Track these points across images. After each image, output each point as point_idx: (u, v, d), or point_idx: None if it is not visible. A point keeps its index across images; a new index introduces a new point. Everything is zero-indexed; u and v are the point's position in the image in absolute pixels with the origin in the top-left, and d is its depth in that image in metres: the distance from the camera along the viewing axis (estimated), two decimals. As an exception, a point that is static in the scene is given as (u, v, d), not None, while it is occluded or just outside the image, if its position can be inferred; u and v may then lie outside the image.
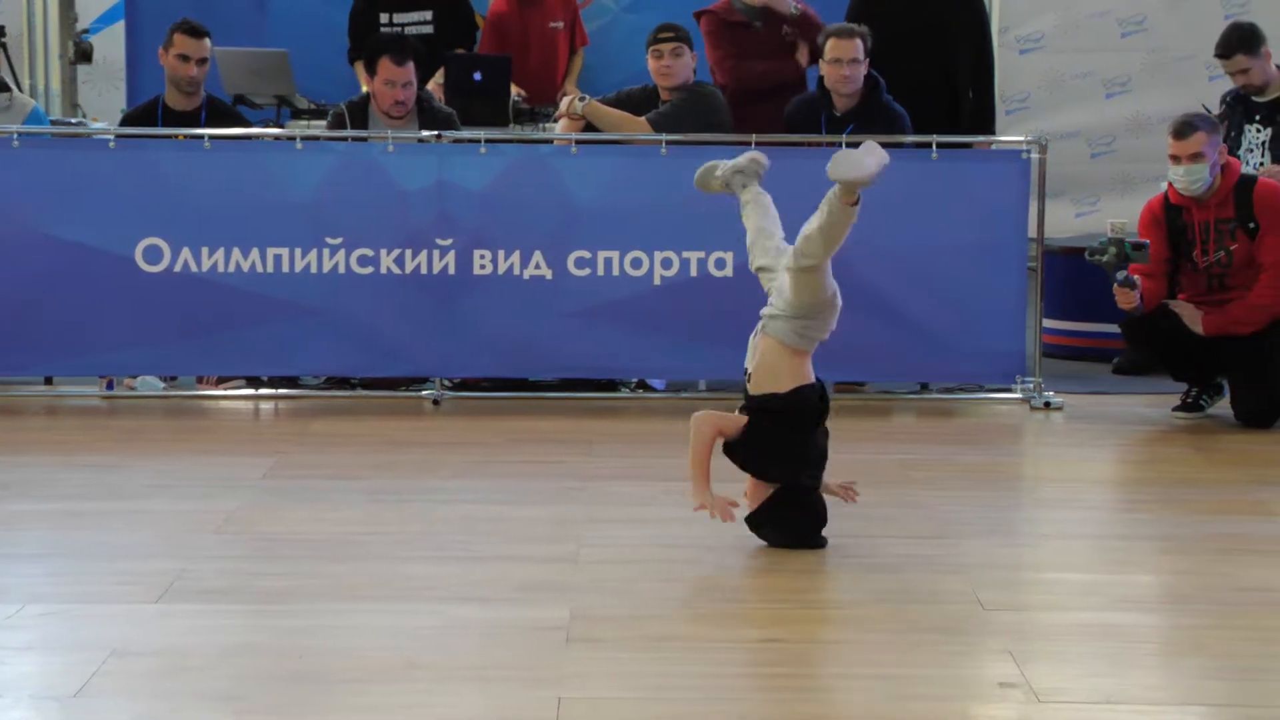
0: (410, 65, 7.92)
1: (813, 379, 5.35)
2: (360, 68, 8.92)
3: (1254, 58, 8.26)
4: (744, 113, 8.26)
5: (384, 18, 9.42)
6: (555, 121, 8.43)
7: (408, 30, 9.26)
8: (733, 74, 8.42)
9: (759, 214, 5.68)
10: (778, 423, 5.26)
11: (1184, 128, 7.29)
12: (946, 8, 8.33)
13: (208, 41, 8.11)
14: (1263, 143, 8.31)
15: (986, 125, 8.45)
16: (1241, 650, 4.45)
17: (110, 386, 7.89)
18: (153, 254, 7.64)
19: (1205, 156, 7.27)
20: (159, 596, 4.82)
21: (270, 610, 4.76)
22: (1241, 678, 4.26)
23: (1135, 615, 4.80)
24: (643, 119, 8.08)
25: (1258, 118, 8.35)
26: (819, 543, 5.29)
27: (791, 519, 5.29)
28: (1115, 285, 7.31)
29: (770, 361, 5.33)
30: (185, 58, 8.06)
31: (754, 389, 5.35)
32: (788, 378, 5.31)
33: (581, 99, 8.17)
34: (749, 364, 5.39)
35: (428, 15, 9.43)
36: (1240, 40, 8.29)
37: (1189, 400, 7.60)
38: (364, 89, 8.70)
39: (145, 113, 8.21)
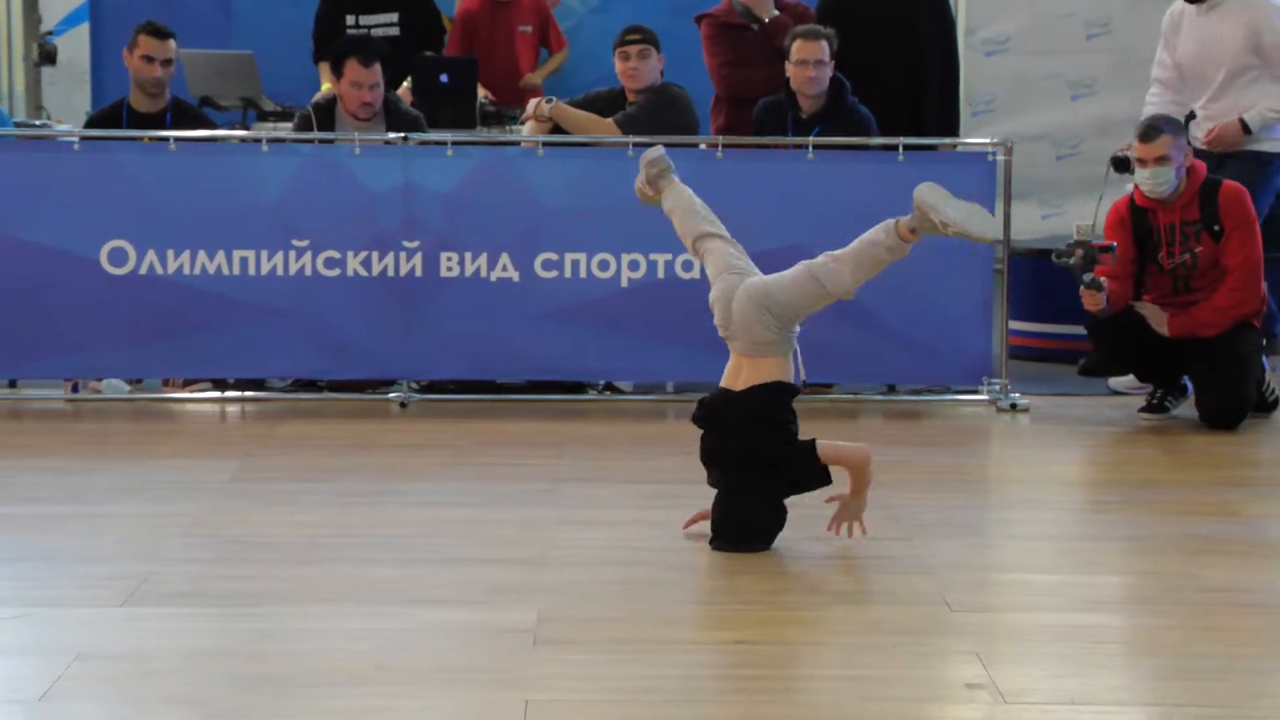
0: (377, 67, 7.91)
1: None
2: (324, 68, 8.91)
3: None
4: (739, 117, 8.27)
5: (350, 19, 9.40)
6: (522, 124, 8.42)
7: (374, 32, 9.25)
8: (728, 83, 8.42)
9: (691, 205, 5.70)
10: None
11: (1149, 130, 7.33)
12: (913, 10, 8.35)
13: (173, 43, 8.08)
14: None
15: (952, 128, 8.47)
16: (1206, 650, 4.47)
17: (75, 389, 7.86)
18: (118, 256, 7.62)
19: (1171, 159, 7.30)
20: (125, 600, 4.80)
21: (237, 613, 4.74)
22: (1206, 678, 4.28)
23: (1101, 616, 4.81)
24: (609, 120, 8.08)
25: None
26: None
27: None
28: (1082, 287, 7.34)
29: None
30: (150, 59, 8.03)
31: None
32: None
33: (548, 101, 8.17)
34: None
35: (394, 17, 9.42)
36: None
37: (1154, 401, 7.63)
38: (324, 87, 8.69)
39: (110, 115, 8.18)
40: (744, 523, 5.29)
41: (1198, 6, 7.69)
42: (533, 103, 8.27)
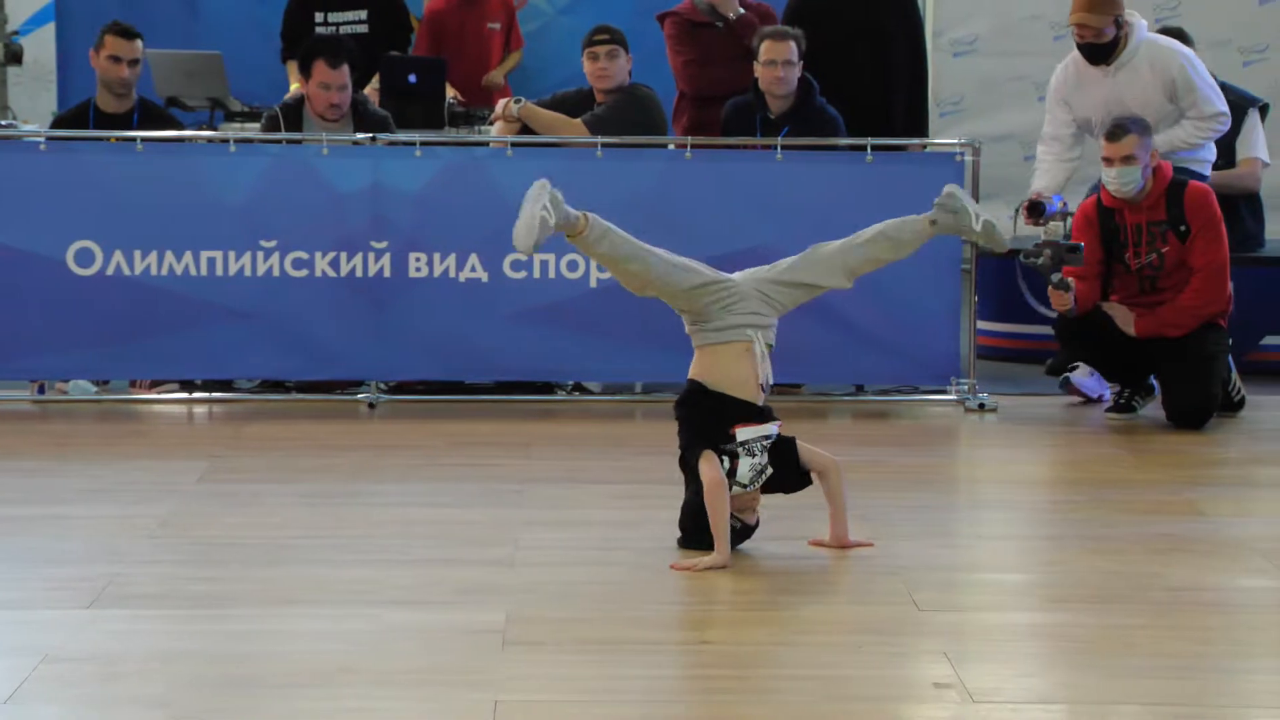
0: (345, 69, 7.89)
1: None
2: (292, 68, 8.89)
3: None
4: (704, 115, 8.27)
5: (318, 17, 9.38)
6: (491, 124, 8.41)
7: (342, 30, 9.23)
8: (694, 81, 8.41)
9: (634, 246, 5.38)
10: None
11: (1116, 130, 7.35)
12: (882, 11, 8.36)
13: (139, 43, 8.05)
14: None
15: (920, 127, 8.48)
16: (1172, 649, 4.49)
17: (42, 391, 7.82)
18: (84, 257, 7.59)
19: (1137, 159, 7.32)
20: (92, 602, 4.78)
21: (204, 615, 4.73)
22: (1172, 676, 4.30)
23: (1068, 615, 4.83)
24: (578, 121, 8.08)
25: None
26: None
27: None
28: (1050, 287, 7.36)
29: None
30: (117, 59, 8.00)
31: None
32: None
33: (517, 101, 8.16)
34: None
35: (362, 15, 9.40)
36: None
37: (1121, 401, 7.66)
38: (293, 87, 8.68)
39: (77, 115, 8.15)
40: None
41: (1103, 69, 7.69)
42: (501, 103, 8.26)
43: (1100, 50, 7.64)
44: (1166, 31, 8.43)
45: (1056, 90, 7.88)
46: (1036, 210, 7.48)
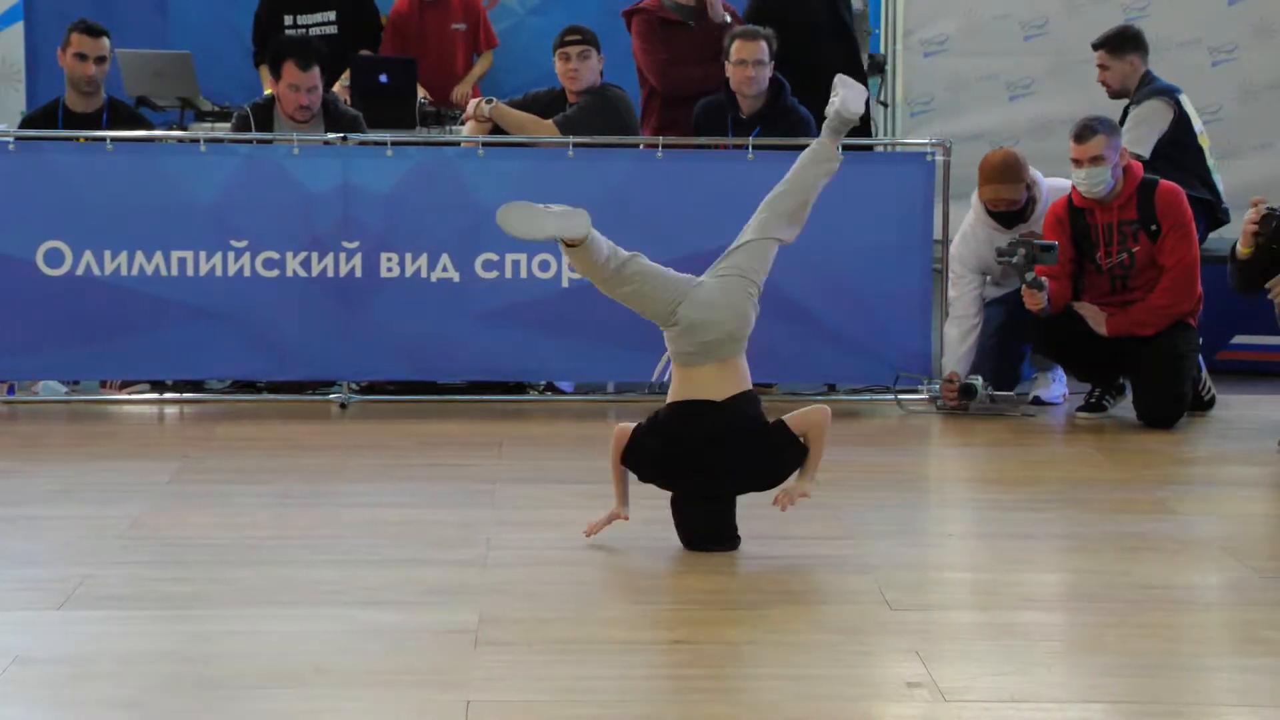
0: (315, 70, 7.88)
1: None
2: (265, 70, 8.87)
3: (1118, 59, 8.40)
4: (675, 115, 8.26)
5: (287, 19, 9.36)
6: (462, 124, 8.40)
7: (311, 32, 9.21)
8: (664, 79, 8.39)
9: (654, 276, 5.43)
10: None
11: (1084, 131, 7.38)
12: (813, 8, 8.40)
13: (106, 41, 8.04)
14: None
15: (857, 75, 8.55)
16: (1141, 648, 4.51)
17: (11, 391, 7.80)
18: (54, 257, 7.56)
19: (1106, 159, 7.35)
20: (62, 603, 4.77)
21: (175, 616, 4.72)
22: (1142, 674, 4.31)
23: (1038, 614, 4.84)
24: (549, 121, 8.07)
25: None
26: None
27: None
28: (1023, 286, 7.38)
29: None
30: (83, 56, 7.98)
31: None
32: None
33: (488, 101, 8.16)
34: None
35: (331, 16, 9.39)
36: (1116, 37, 8.45)
37: (1092, 401, 7.68)
38: (266, 91, 8.65)
39: (45, 115, 8.13)
40: (726, 523, 5.33)
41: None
42: (472, 103, 8.25)
43: (1016, 215, 7.68)
44: (1123, 34, 8.47)
45: (963, 261, 7.82)
46: (968, 392, 7.54)
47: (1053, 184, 7.78)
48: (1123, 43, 8.42)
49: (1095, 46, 8.48)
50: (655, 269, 5.38)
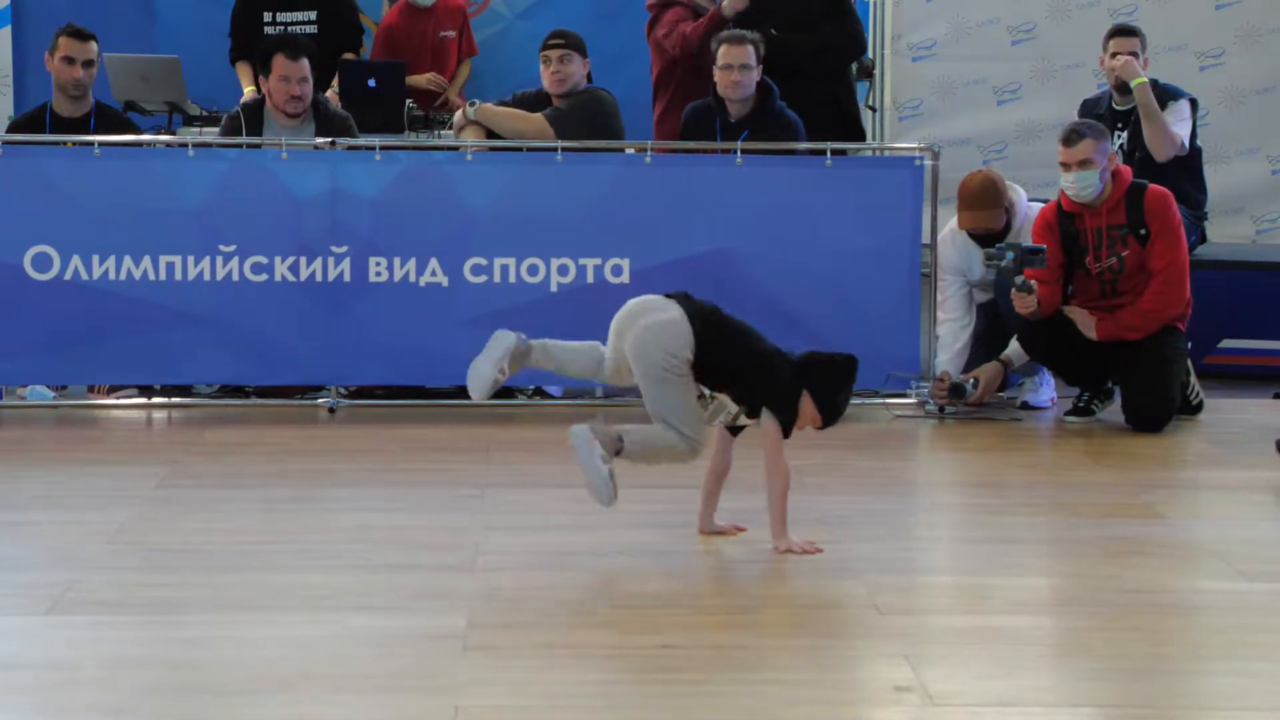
0: (305, 61, 7.89)
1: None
2: (242, 69, 8.88)
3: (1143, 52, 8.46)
4: (696, 85, 8.29)
5: (267, 16, 9.35)
6: (456, 134, 8.38)
7: (290, 29, 9.19)
8: (677, 41, 8.44)
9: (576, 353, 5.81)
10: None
11: (1072, 135, 7.38)
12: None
13: (93, 44, 8.03)
14: (1120, 145, 8.42)
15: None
16: (1129, 651, 4.51)
17: (-1, 396, 7.79)
18: (42, 262, 7.55)
19: (1094, 163, 7.35)
20: (49, 608, 4.76)
21: (162, 622, 4.71)
22: (1129, 678, 4.32)
23: (1026, 618, 4.85)
24: (538, 115, 8.07)
25: (1119, 125, 8.48)
26: None
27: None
28: (1013, 290, 7.39)
29: None
30: (70, 60, 7.98)
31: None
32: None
33: (472, 104, 8.16)
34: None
35: (311, 15, 9.36)
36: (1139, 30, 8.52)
37: (1081, 405, 7.69)
38: (246, 90, 8.66)
39: (33, 119, 8.12)
40: None
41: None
42: (458, 113, 8.27)
43: (995, 237, 7.69)
44: (1120, 29, 8.50)
45: (946, 261, 7.87)
46: (958, 392, 7.55)
47: (1035, 206, 7.78)
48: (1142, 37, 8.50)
49: (1130, 33, 8.45)
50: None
